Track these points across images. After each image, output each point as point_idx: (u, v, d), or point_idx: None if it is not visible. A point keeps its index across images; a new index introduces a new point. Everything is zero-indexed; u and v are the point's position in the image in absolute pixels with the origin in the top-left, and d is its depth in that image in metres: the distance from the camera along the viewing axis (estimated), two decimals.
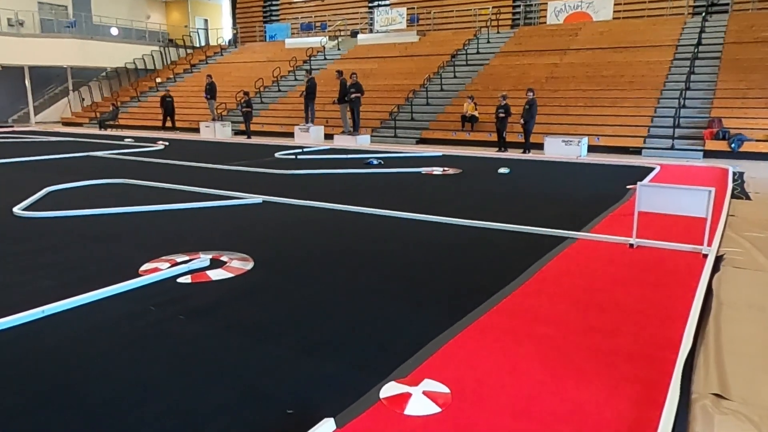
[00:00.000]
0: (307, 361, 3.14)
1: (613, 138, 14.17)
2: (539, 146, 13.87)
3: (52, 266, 4.85)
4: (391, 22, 25.76)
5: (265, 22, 31.33)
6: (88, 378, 2.96)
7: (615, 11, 21.49)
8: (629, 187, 8.52)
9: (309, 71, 18.46)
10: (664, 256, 5.10)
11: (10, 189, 8.59)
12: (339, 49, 25.35)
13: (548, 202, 7.66)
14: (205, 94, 19.96)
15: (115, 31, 29.60)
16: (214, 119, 20.25)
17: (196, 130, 20.30)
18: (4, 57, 24.56)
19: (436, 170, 10.70)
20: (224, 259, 5.02)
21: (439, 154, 13.46)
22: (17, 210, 6.98)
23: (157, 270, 4.66)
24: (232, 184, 9.07)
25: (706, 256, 4.98)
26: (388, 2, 27.23)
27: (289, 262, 5.02)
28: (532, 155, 13.50)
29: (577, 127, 14.76)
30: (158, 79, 26.92)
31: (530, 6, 24.22)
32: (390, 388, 2.81)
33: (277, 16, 31.42)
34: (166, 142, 16.36)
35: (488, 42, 21.61)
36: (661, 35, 18.54)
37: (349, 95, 16.27)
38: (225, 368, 3.06)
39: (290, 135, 18.01)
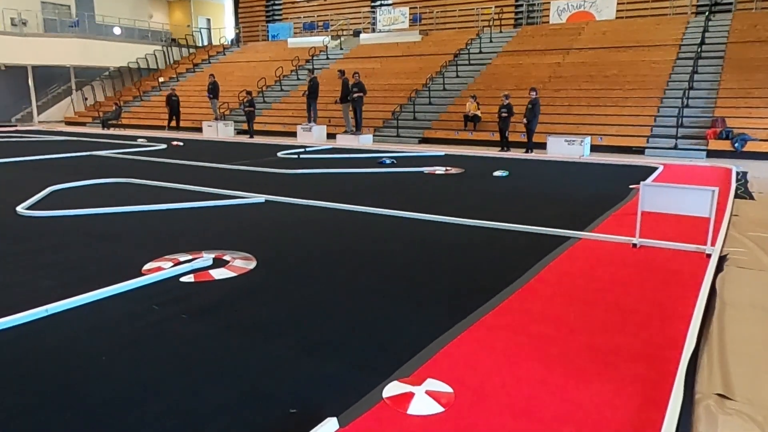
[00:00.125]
0: (310, 361, 3.14)
1: (616, 138, 14.14)
2: (542, 146, 13.84)
3: (56, 265, 4.86)
4: (393, 22, 25.75)
5: (268, 22, 31.35)
6: (90, 377, 2.97)
7: (618, 10, 21.44)
8: (632, 186, 8.50)
9: (311, 71, 18.47)
10: (668, 256, 5.09)
11: (14, 188, 8.61)
12: (341, 49, 25.35)
13: (551, 202, 7.65)
14: (208, 93, 20.00)
15: (118, 30, 29.64)
16: (216, 119, 20.27)
17: (198, 130, 20.33)
18: (8, 56, 24.64)
19: (439, 170, 10.69)
20: (227, 258, 5.02)
21: (442, 154, 13.45)
22: (21, 209, 7.00)
23: (160, 269, 4.67)
24: (234, 183, 9.08)
25: (709, 256, 4.97)
26: (390, 2, 27.22)
27: (292, 262, 5.02)
28: (535, 155, 13.48)
29: (580, 127, 14.74)
30: (161, 79, 26.96)
31: (533, 5, 24.19)
32: (393, 388, 2.81)
33: (280, 15, 31.43)
34: (180, 143, 16.10)
35: (491, 41, 21.58)
36: (664, 35, 18.50)
37: (352, 95, 16.27)
38: (227, 368, 3.06)
39: (293, 134, 18.02)
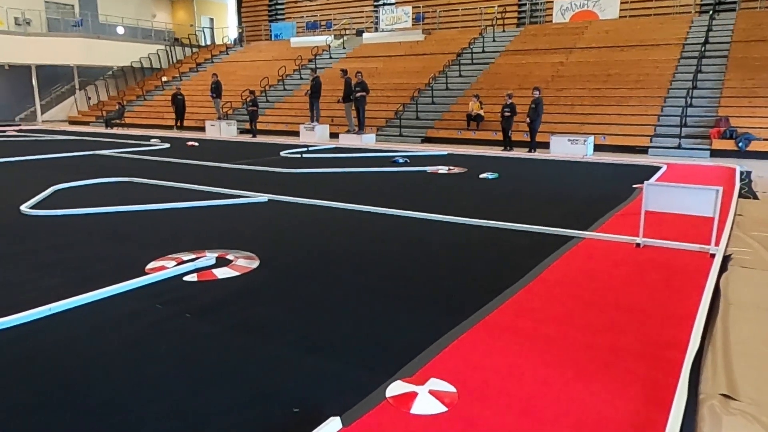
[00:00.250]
0: (313, 360, 3.14)
1: (619, 137, 14.11)
2: (545, 145, 13.83)
3: (59, 264, 4.87)
4: (396, 21, 25.73)
5: (271, 21, 31.37)
6: (93, 376, 2.97)
7: (621, 10, 21.39)
8: (636, 186, 8.49)
9: (314, 70, 18.48)
10: (671, 255, 5.08)
11: (18, 187, 8.63)
12: (344, 48, 25.35)
13: (554, 202, 7.64)
14: (211, 92, 20.02)
15: (121, 30, 29.70)
16: (219, 118, 20.30)
17: (201, 129, 20.35)
18: (12, 56, 24.70)
19: (442, 169, 10.69)
20: (230, 257, 5.03)
21: (445, 153, 13.44)
22: (24, 208, 7.01)
23: (164, 268, 4.67)
24: (237, 182, 9.08)
25: (713, 255, 4.95)
26: (393, 1, 27.21)
27: (295, 261, 5.02)
28: (538, 154, 13.47)
29: (583, 126, 14.72)
30: (164, 78, 27.00)
31: (536, 4, 24.15)
32: (396, 387, 2.80)
33: (283, 15, 31.45)
34: (196, 143, 15.92)
35: (494, 41, 21.56)
36: (667, 34, 18.45)
37: (355, 94, 16.27)
38: (230, 367, 3.06)
39: (296, 134, 18.03)
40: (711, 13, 19.19)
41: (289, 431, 2.48)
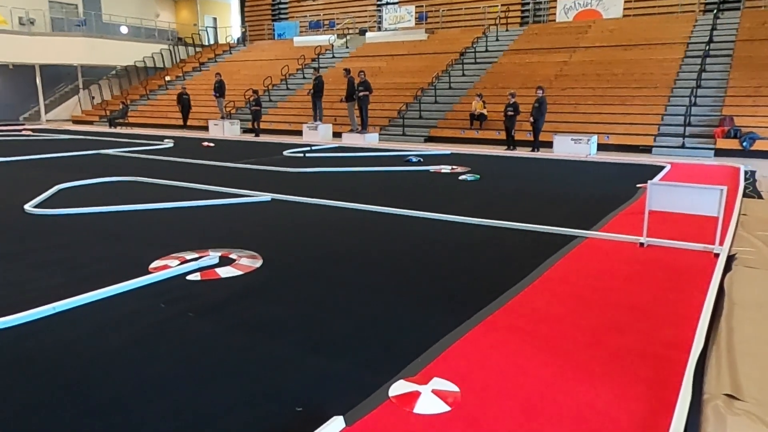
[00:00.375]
0: (316, 359, 3.14)
1: (622, 136, 14.07)
2: (548, 144, 13.81)
3: (63, 263, 4.88)
4: (399, 20, 25.71)
5: (274, 21, 31.39)
6: (97, 375, 2.98)
7: (625, 8, 21.33)
8: (639, 185, 8.46)
9: (316, 69, 18.47)
10: (675, 255, 5.06)
11: (22, 186, 8.66)
12: (347, 48, 25.34)
13: (557, 201, 7.63)
14: (214, 92, 20.03)
15: (124, 29, 29.76)
16: (222, 117, 20.33)
17: (204, 128, 20.38)
18: (16, 56, 24.77)
19: (445, 168, 10.68)
20: (233, 256, 5.03)
21: (448, 153, 13.43)
22: (28, 207, 7.04)
23: (167, 267, 4.68)
24: (240, 182, 9.10)
25: (717, 255, 4.94)
26: (396, 0, 27.19)
27: (298, 260, 5.02)
28: (541, 153, 13.45)
29: (587, 126, 14.68)
30: (167, 78, 27.04)
31: (539, 3, 24.10)
32: (399, 387, 2.80)
33: (286, 14, 31.47)
34: (211, 143, 15.78)
35: (497, 40, 21.53)
36: (671, 33, 18.39)
37: (358, 93, 16.27)
38: (233, 366, 3.07)
39: (299, 133, 18.04)
40: (715, 11, 19.11)
41: (292, 430, 2.48)
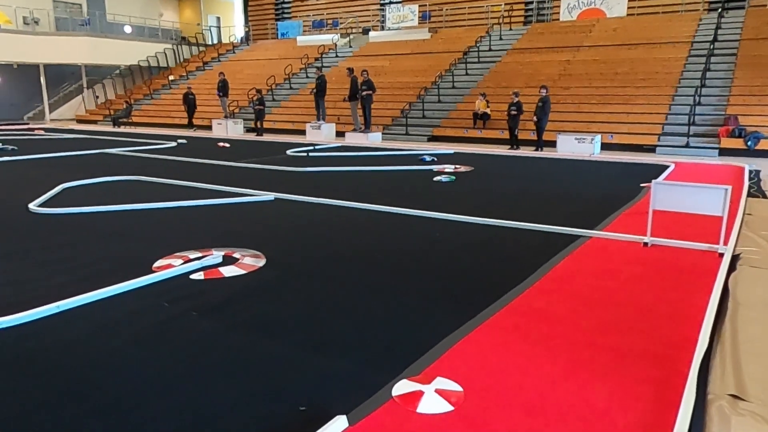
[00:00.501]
0: (319, 359, 3.14)
1: (626, 136, 14.03)
2: (552, 144, 13.77)
3: (67, 262, 4.90)
4: (402, 20, 25.69)
5: (277, 20, 31.40)
6: (101, 374, 2.99)
7: (629, 7, 21.27)
8: (643, 185, 8.44)
9: (319, 68, 18.48)
10: (679, 255, 5.05)
11: (26, 185, 8.68)
12: (351, 47, 25.34)
13: (561, 201, 7.61)
14: (218, 91, 20.06)
15: (128, 29, 29.82)
16: (226, 116, 20.35)
17: (208, 128, 20.40)
18: (20, 55, 24.84)
19: (448, 168, 10.67)
20: (236, 256, 5.04)
21: (451, 152, 13.41)
22: (33, 206, 7.06)
23: (171, 266, 4.69)
24: (244, 181, 9.10)
25: (722, 255, 4.92)
26: None
27: (301, 260, 5.03)
28: (545, 153, 13.42)
29: (591, 125, 14.65)
30: (171, 77, 27.08)
31: (543, 2, 24.05)
32: (402, 386, 2.80)
33: (289, 13, 31.48)
34: (227, 144, 15.63)
35: (500, 39, 21.49)
36: (676, 31, 18.33)
37: (361, 93, 16.26)
38: (237, 365, 3.07)
39: (302, 132, 18.05)
40: (720, 10, 19.04)
41: (295, 429, 2.48)
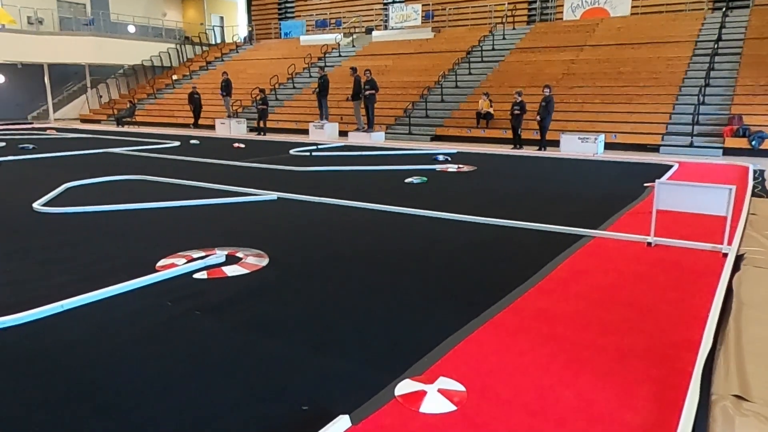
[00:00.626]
0: (322, 358, 3.14)
1: (630, 135, 14.00)
2: (555, 143, 13.75)
3: (71, 261, 4.91)
4: (405, 19, 25.68)
5: (280, 19, 31.43)
6: (104, 373, 2.99)
7: (633, 6, 21.21)
8: (647, 184, 8.42)
9: (322, 68, 18.48)
10: (683, 255, 5.03)
11: (30, 185, 8.71)
12: (354, 46, 25.34)
13: (564, 200, 7.60)
14: (221, 91, 20.09)
15: (132, 28, 29.89)
16: (229, 116, 20.38)
17: (211, 127, 20.44)
18: (24, 55, 24.92)
19: (451, 167, 10.66)
20: (239, 255, 5.04)
21: (454, 152, 13.40)
22: (36, 206, 7.08)
23: (174, 266, 4.70)
24: (247, 180, 9.11)
25: (726, 255, 4.90)
26: None
27: (304, 259, 5.03)
28: (548, 152, 13.40)
29: (594, 124, 14.62)
30: (174, 77, 27.13)
31: (547, 2, 24.01)
32: (405, 386, 2.80)
33: (292, 13, 31.50)
34: (242, 144, 15.49)
35: (504, 38, 21.46)
36: (680, 31, 18.27)
37: (364, 92, 16.27)
38: (240, 364, 3.07)
39: (305, 132, 18.06)
40: (724, 9, 18.97)
41: (298, 429, 2.49)
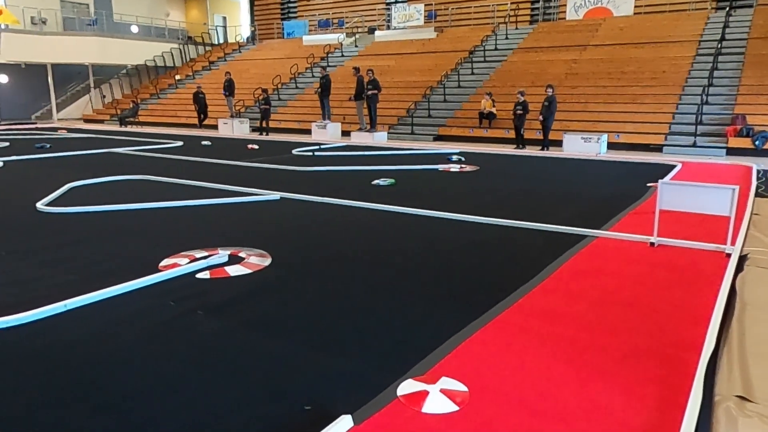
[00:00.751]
0: (325, 358, 3.14)
1: (633, 135, 13.96)
2: (558, 143, 13.73)
3: (74, 261, 4.93)
4: (408, 19, 25.68)
5: (283, 19, 31.45)
6: (106, 373, 3.00)
7: (636, 6, 21.17)
8: (650, 184, 8.40)
9: (324, 68, 18.49)
10: (686, 255, 5.02)
11: (34, 185, 8.73)
12: (356, 46, 25.34)
13: (567, 200, 7.59)
14: (224, 91, 20.11)
15: (135, 28, 29.95)
16: (232, 116, 20.40)
17: (214, 127, 20.46)
18: (28, 55, 24.99)
19: (453, 167, 10.65)
20: (242, 255, 5.05)
21: (457, 151, 13.39)
22: (40, 205, 7.10)
23: (177, 266, 4.70)
24: (250, 180, 9.12)
25: (729, 255, 4.89)
26: None
27: (307, 259, 5.03)
28: (551, 152, 13.38)
29: (597, 124, 14.59)
30: (177, 77, 27.17)
31: (549, 1, 23.97)
32: (407, 386, 2.80)
33: (295, 13, 31.52)
34: (256, 146, 15.23)
35: (506, 38, 21.44)
36: (683, 30, 18.23)
37: (366, 92, 16.27)
38: (242, 364, 3.08)
39: (308, 132, 18.07)
40: (727, 9, 18.92)
41: (300, 429, 2.49)
